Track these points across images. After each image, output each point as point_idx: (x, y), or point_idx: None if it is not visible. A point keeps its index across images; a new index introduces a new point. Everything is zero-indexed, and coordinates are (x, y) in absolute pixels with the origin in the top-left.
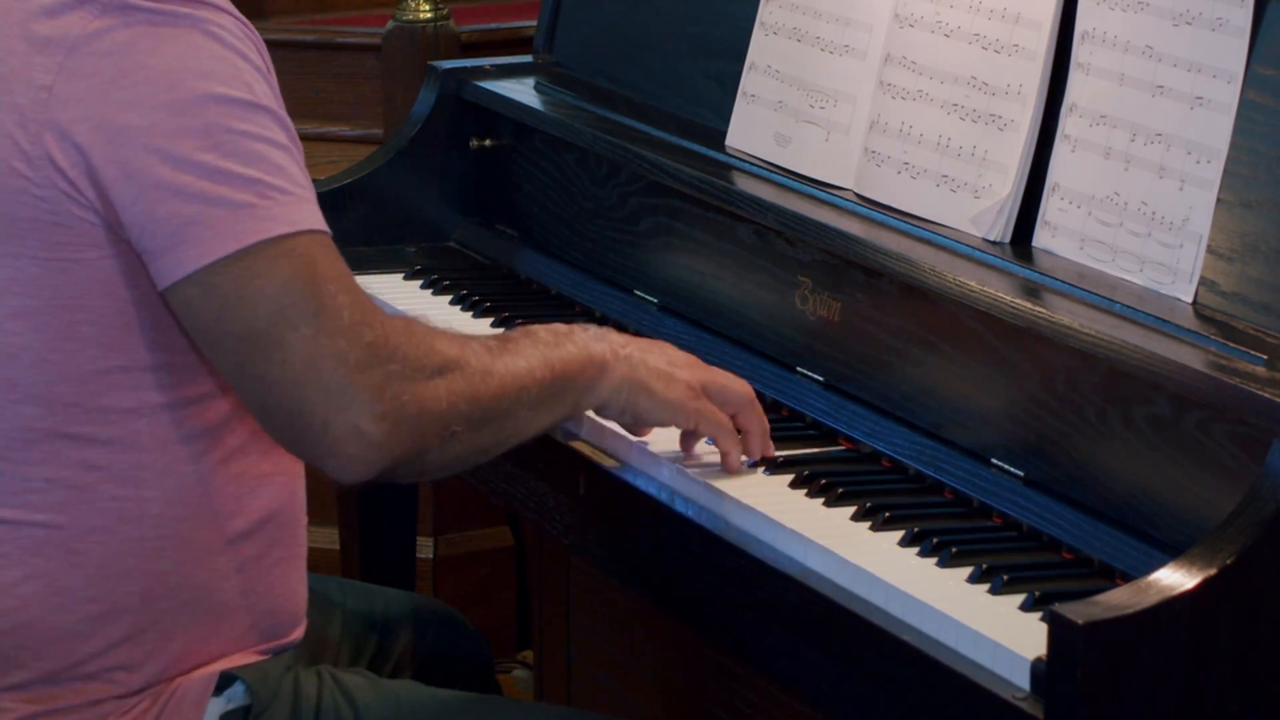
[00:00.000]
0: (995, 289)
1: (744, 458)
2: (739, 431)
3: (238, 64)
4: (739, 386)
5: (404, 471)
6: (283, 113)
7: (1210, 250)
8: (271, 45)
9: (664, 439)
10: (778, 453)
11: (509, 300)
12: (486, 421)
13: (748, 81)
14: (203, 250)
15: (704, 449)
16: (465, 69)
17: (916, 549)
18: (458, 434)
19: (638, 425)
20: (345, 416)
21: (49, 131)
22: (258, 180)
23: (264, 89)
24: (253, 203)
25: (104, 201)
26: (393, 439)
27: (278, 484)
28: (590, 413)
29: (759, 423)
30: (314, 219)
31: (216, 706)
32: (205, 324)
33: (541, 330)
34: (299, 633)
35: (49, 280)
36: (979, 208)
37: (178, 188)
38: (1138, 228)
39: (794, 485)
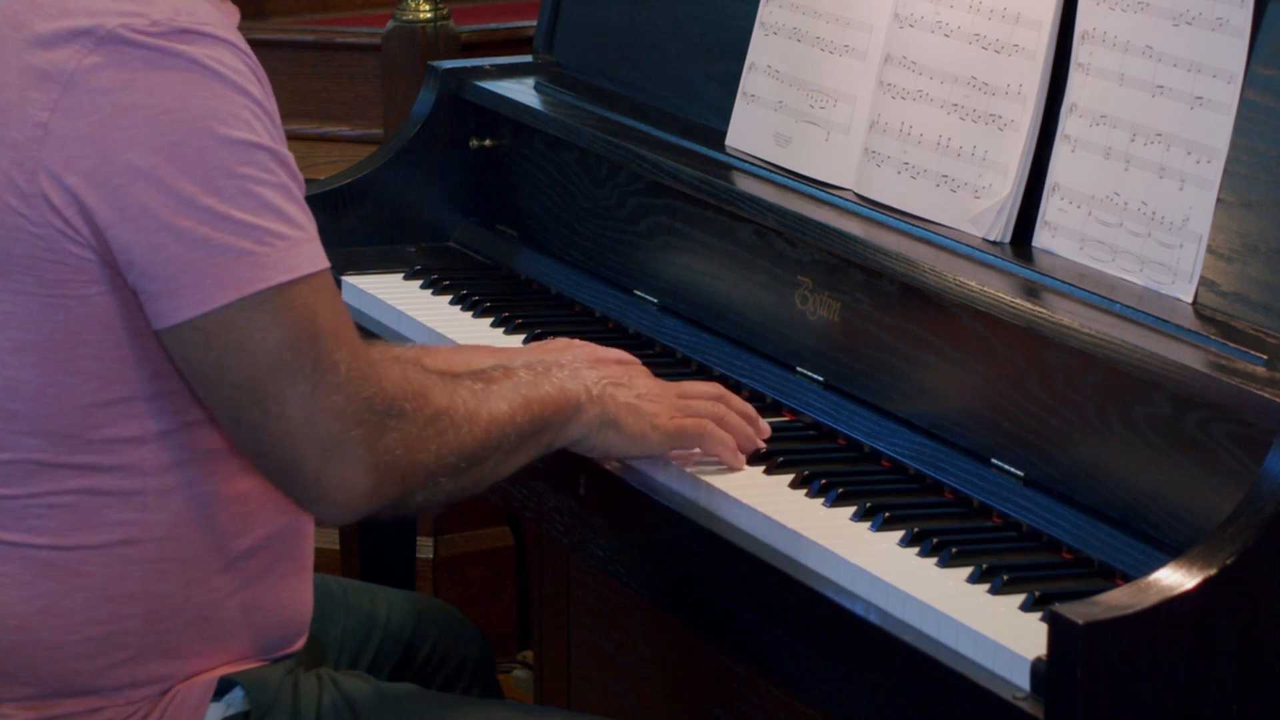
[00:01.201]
0: (995, 289)
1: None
2: None
3: (237, 101)
4: (710, 408)
5: (386, 514)
6: (282, 147)
7: (1210, 250)
8: (271, 45)
9: None
10: (778, 454)
11: (509, 300)
12: (469, 469)
13: (748, 81)
14: (202, 297)
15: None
16: (465, 69)
17: (916, 549)
18: (441, 482)
19: (608, 460)
20: (338, 469)
21: (44, 171)
22: (257, 226)
23: (263, 125)
24: (253, 250)
25: (101, 241)
26: (380, 489)
27: (282, 498)
28: None
29: (739, 426)
30: (312, 260)
31: (216, 712)
32: (202, 369)
33: (522, 370)
34: (302, 641)
35: (48, 315)
36: (979, 208)
37: (179, 232)
38: (1138, 228)
39: (794, 485)
